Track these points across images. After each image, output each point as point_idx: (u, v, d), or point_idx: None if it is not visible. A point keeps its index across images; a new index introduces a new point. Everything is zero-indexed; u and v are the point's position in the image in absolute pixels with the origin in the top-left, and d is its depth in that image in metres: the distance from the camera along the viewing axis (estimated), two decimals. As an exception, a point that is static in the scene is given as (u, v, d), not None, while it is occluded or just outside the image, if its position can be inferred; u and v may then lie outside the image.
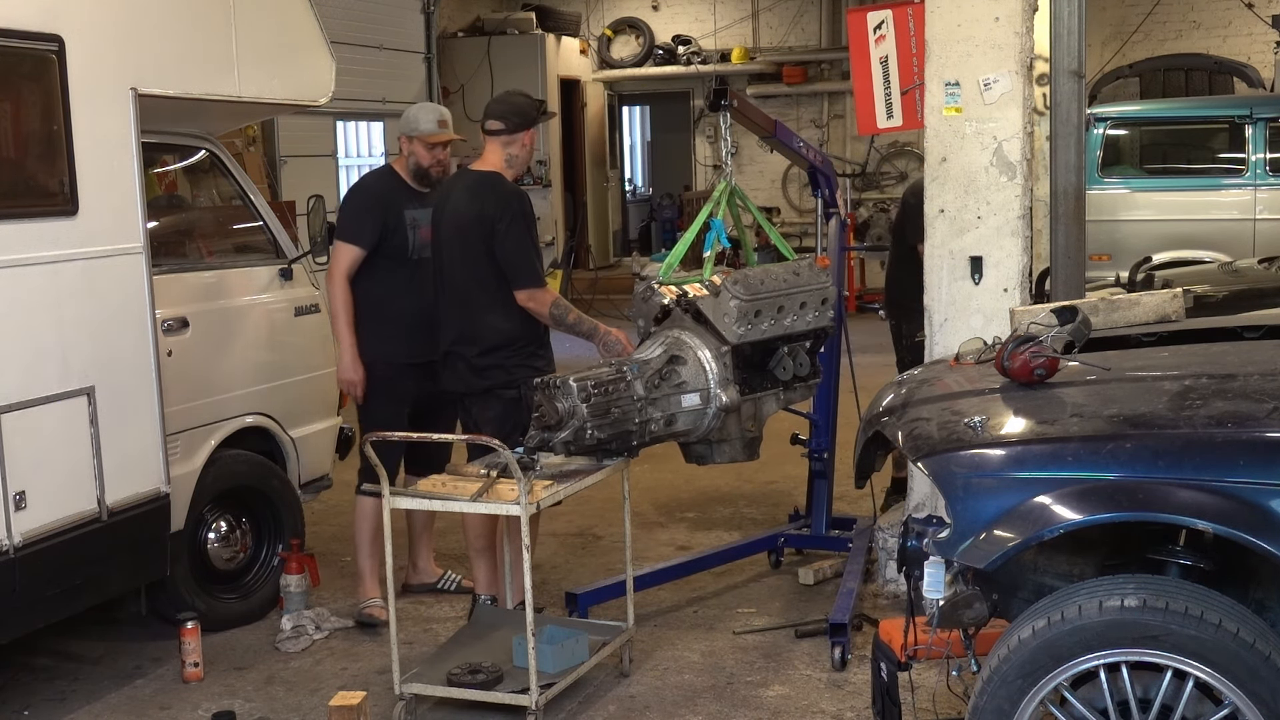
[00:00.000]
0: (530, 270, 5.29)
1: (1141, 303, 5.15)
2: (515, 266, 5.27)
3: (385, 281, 5.70)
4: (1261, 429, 3.45)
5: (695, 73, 18.04)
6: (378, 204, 5.71)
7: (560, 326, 5.34)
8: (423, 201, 5.71)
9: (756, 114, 6.10)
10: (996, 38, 5.57)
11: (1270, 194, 10.56)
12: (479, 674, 4.69)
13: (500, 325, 5.31)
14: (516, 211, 5.29)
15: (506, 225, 5.25)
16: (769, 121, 6.16)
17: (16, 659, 5.30)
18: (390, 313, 5.69)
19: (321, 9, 6.22)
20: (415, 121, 5.75)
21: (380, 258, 5.68)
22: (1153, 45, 16.17)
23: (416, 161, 5.75)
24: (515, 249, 5.26)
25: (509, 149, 5.39)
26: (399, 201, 5.72)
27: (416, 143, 5.73)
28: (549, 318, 5.32)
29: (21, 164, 4.81)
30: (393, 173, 5.86)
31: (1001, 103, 5.60)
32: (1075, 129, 5.84)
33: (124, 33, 5.05)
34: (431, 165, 5.75)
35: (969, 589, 3.47)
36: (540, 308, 5.29)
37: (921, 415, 3.89)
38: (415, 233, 5.69)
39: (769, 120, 6.17)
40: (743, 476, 7.74)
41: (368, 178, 6.17)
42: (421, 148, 5.73)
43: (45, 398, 4.70)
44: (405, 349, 5.67)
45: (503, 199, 5.31)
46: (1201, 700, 3.23)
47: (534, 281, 5.29)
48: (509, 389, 5.30)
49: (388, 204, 5.70)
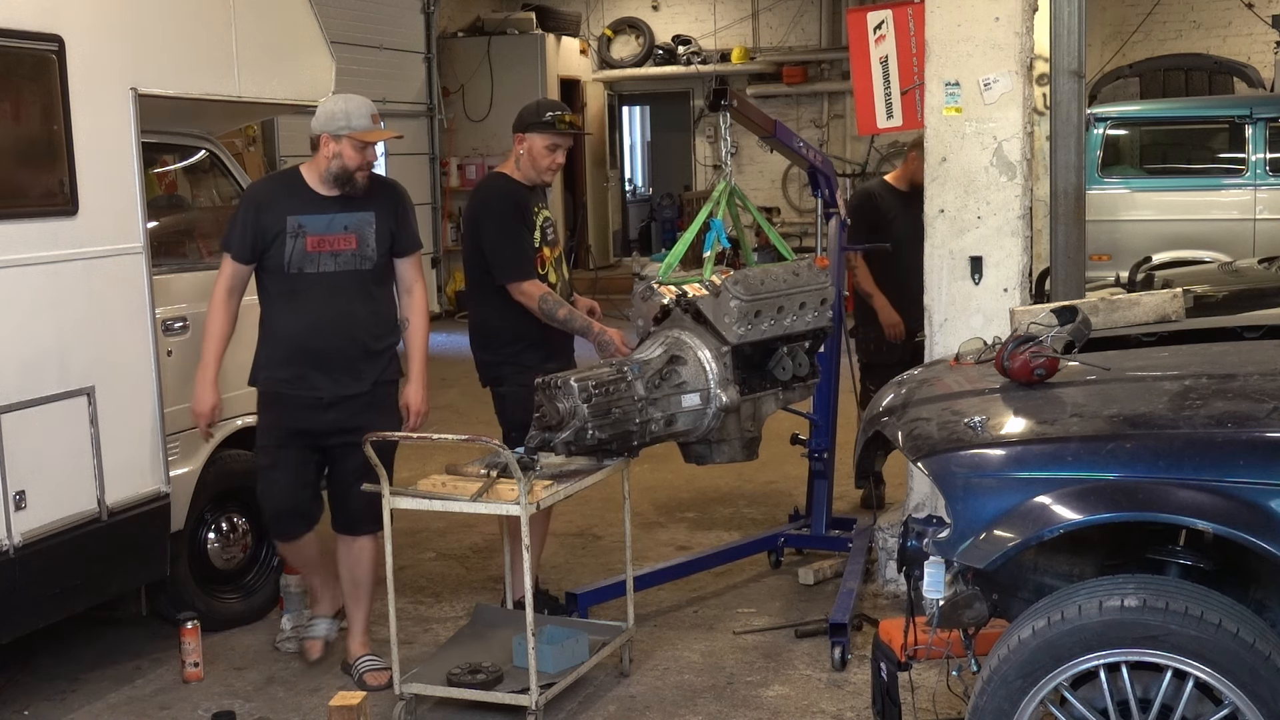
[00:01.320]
0: (509, 264, 5.29)
1: (1141, 303, 5.15)
2: (494, 260, 5.32)
3: (267, 299, 5.07)
4: (1261, 429, 3.45)
5: (695, 73, 18.04)
6: (255, 209, 5.01)
7: (552, 321, 5.30)
8: (323, 207, 5.00)
9: (756, 114, 6.11)
10: (996, 38, 5.57)
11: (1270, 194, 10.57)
12: (479, 674, 4.69)
13: (492, 322, 5.41)
14: (495, 208, 5.35)
15: (487, 220, 5.35)
16: (769, 121, 6.16)
17: (16, 659, 5.30)
18: (275, 334, 5.04)
19: (321, 9, 6.22)
20: (346, 117, 4.95)
21: (263, 271, 5.03)
22: (1153, 45, 16.17)
23: (342, 164, 4.95)
24: (494, 243, 5.32)
25: (516, 150, 5.42)
26: (282, 207, 4.98)
27: (346, 142, 4.94)
28: (539, 312, 5.28)
29: (21, 164, 4.81)
30: (295, 176, 5.11)
31: (1001, 103, 5.60)
32: (1075, 129, 5.84)
33: (124, 33, 5.06)
34: (360, 168, 4.98)
35: (969, 589, 3.47)
36: (528, 301, 5.28)
37: (921, 415, 3.89)
38: (298, 242, 4.94)
39: (769, 120, 6.17)
40: (743, 476, 7.74)
41: (260, 180, 5.61)
42: (351, 147, 4.95)
43: (45, 398, 4.70)
44: (286, 377, 5.01)
45: (485, 196, 5.44)
46: (1201, 700, 3.23)
47: (514, 275, 5.29)
48: (499, 385, 5.42)
49: (265, 209, 4.98)
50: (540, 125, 5.39)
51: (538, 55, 16.70)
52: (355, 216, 5.02)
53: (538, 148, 5.38)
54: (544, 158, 5.40)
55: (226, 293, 5.03)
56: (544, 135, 5.38)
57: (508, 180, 5.43)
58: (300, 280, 4.97)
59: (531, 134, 5.39)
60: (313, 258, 4.96)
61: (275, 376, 5.04)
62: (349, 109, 4.99)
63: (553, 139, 5.40)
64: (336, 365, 4.99)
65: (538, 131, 5.38)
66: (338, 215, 5.00)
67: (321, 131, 5.00)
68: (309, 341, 4.97)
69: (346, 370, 5.01)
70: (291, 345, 4.99)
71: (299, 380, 5.00)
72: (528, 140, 5.39)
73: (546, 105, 5.53)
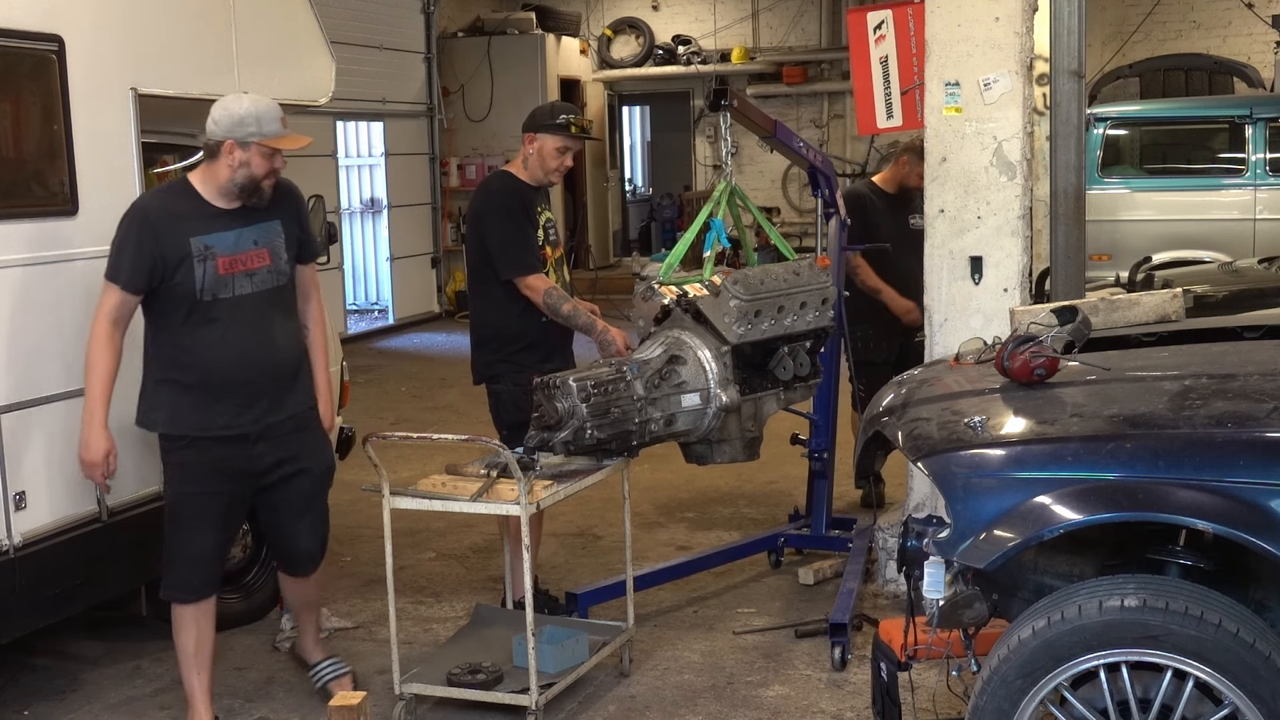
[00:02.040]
0: (512, 258, 5.29)
1: (1141, 303, 5.15)
2: (498, 255, 5.31)
3: (166, 330, 4.52)
4: (1261, 429, 3.45)
5: (695, 73, 18.05)
6: (151, 233, 4.42)
7: (556, 316, 5.29)
8: (227, 223, 4.50)
9: (756, 114, 6.10)
10: (996, 38, 5.58)
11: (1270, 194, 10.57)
12: (479, 674, 4.69)
13: (490, 319, 5.43)
14: (500, 204, 5.36)
15: (491, 216, 5.35)
16: (769, 121, 6.16)
17: (16, 659, 5.30)
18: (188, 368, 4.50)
19: (321, 9, 6.22)
20: (256, 121, 4.44)
21: (158, 300, 4.48)
22: (1153, 45, 16.18)
23: (250, 173, 4.47)
24: (498, 238, 5.32)
25: (525, 150, 5.42)
26: (183, 228, 4.44)
27: (254, 149, 4.45)
28: (544, 306, 5.27)
29: (21, 164, 4.81)
30: (187, 189, 4.55)
31: (1001, 103, 5.60)
32: (1075, 129, 5.84)
33: (124, 33, 5.06)
34: (267, 176, 4.51)
35: (969, 589, 3.47)
36: (534, 295, 5.28)
37: (921, 415, 3.89)
38: (207, 266, 4.44)
39: (769, 120, 6.17)
40: (743, 476, 7.74)
41: (146, 196, 4.77)
42: (260, 155, 4.46)
43: (45, 398, 4.70)
44: (204, 416, 4.51)
45: (489, 192, 5.46)
46: (1201, 700, 3.23)
47: (519, 269, 5.28)
48: (494, 383, 5.42)
49: (164, 232, 4.42)
50: (553, 127, 5.39)
51: (538, 55, 16.71)
52: (262, 228, 4.57)
53: (548, 149, 5.39)
54: (553, 159, 5.42)
55: (111, 324, 4.41)
56: (556, 137, 5.39)
57: (512, 178, 5.45)
58: (216, 307, 4.46)
59: (543, 135, 5.39)
60: (226, 281, 4.47)
61: (189, 419, 4.51)
62: (259, 112, 4.46)
63: (565, 142, 5.41)
64: (265, 394, 4.57)
65: (550, 133, 5.39)
66: (244, 230, 4.53)
67: (225, 138, 4.44)
68: (237, 374, 4.50)
69: (273, 398, 4.60)
70: (216, 379, 4.49)
71: (223, 416, 4.51)
72: (539, 141, 5.40)
73: (560, 108, 5.56)
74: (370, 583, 6.28)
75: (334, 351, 6.33)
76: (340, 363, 6.41)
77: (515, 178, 5.45)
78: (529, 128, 5.42)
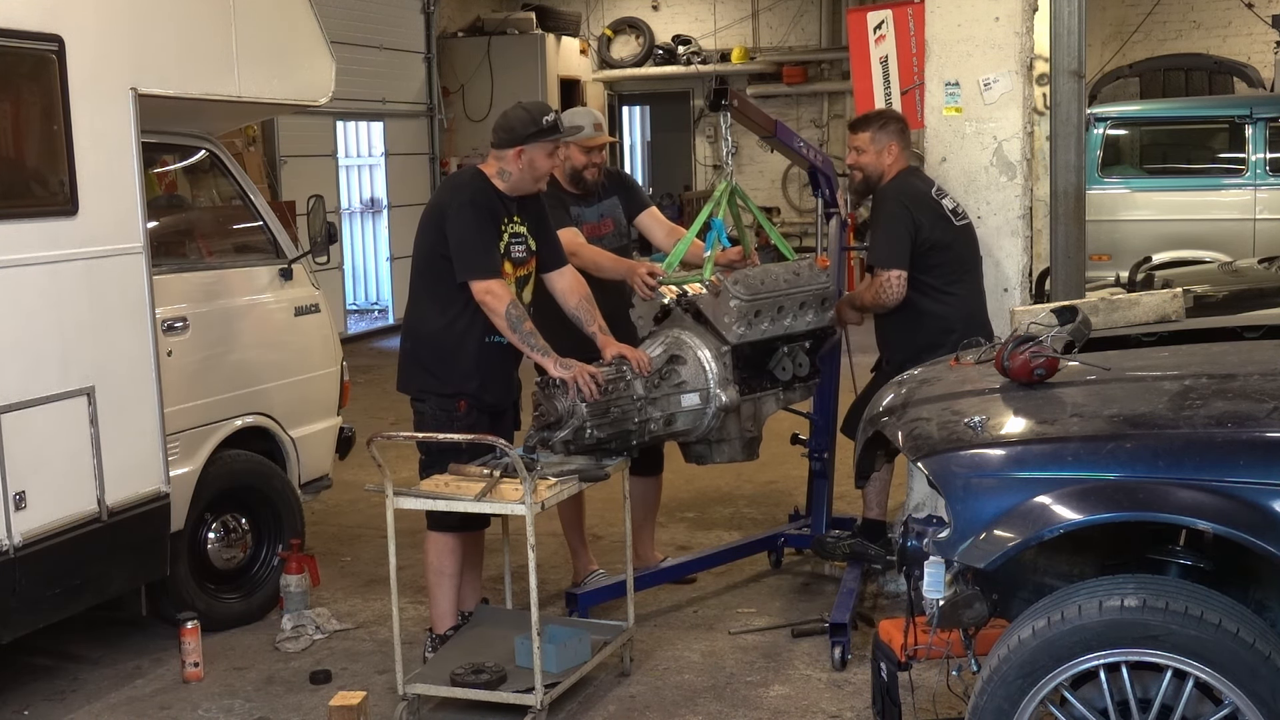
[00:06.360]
0: (473, 261, 4.82)
1: (1141, 303, 5.16)
2: (459, 254, 4.85)
3: None
4: (1261, 429, 3.45)
5: (695, 73, 18.05)
6: None
7: (513, 334, 4.80)
8: None
9: (757, 114, 6.10)
10: (996, 38, 5.58)
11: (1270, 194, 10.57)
12: (483, 674, 4.68)
13: (431, 323, 4.99)
14: (466, 201, 4.89)
15: (455, 211, 4.89)
16: (769, 121, 6.15)
17: (16, 659, 5.30)
18: None
19: (321, 9, 6.22)
20: None
21: None
22: (1153, 45, 16.18)
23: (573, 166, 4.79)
24: (460, 236, 4.85)
25: (500, 162, 4.96)
26: None
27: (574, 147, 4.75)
28: (503, 319, 4.77)
29: (21, 164, 4.81)
30: None
31: (1001, 103, 5.61)
32: (1075, 129, 5.85)
33: (124, 33, 5.05)
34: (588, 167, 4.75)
35: (969, 589, 3.47)
36: (494, 304, 4.79)
37: (921, 415, 3.89)
38: None
39: (769, 120, 6.16)
40: (743, 476, 7.74)
41: None
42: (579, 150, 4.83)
43: (45, 398, 4.70)
44: None
45: (458, 187, 5.00)
46: (1201, 700, 3.24)
47: (479, 273, 4.80)
48: (420, 401, 5.05)
49: None
50: (539, 134, 4.91)
51: (538, 55, 16.71)
52: None
53: (539, 157, 4.96)
54: (544, 164, 5.01)
55: None
56: (546, 144, 4.96)
57: (486, 179, 5.00)
58: None
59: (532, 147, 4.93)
60: None
61: None
62: None
63: (554, 146, 5.02)
64: None
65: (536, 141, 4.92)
66: None
67: None
68: None
69: None
70: None
71: None
72: (528, 153, 4.92)
73: (538, 109, 5.07)
74: (371, 583, 6.28)
75: (334, 351, 6.35)
76: (340, 363, 6.42)
77: (489, 179, 4.99)
78: (509, 142, 4.92)
